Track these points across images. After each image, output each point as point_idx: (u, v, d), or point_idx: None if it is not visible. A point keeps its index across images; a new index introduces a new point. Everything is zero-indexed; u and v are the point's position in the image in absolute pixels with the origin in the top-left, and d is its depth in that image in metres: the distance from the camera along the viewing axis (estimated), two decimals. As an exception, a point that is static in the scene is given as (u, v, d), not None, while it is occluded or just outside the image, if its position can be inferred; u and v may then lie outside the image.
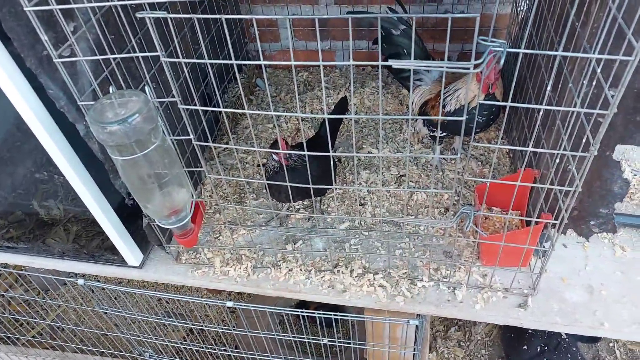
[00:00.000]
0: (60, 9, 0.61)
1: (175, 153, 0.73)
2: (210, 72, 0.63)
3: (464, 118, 0.63)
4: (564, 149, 0.69)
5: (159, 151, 0.69)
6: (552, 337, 1.50)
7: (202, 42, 0.57)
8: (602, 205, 0.92)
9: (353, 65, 0.56)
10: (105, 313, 1.65)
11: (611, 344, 1.64)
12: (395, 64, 0.59)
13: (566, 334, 1.50)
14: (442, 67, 0.56)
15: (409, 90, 1.31)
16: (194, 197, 0.84)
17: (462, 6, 1.37)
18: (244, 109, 0.94)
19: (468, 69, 0.55)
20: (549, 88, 0.58)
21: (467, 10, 1.36)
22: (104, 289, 1.15)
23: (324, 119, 1.13)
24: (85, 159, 0.80)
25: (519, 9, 1.19)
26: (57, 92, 0.68)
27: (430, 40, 1.44)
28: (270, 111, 0.65)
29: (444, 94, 1.04)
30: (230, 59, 0.59)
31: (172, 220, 0.80)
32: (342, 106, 1.16)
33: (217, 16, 0.58)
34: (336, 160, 1.17)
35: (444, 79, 0.72)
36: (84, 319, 1.76)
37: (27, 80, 0.66)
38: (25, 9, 0.58)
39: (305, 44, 1.53)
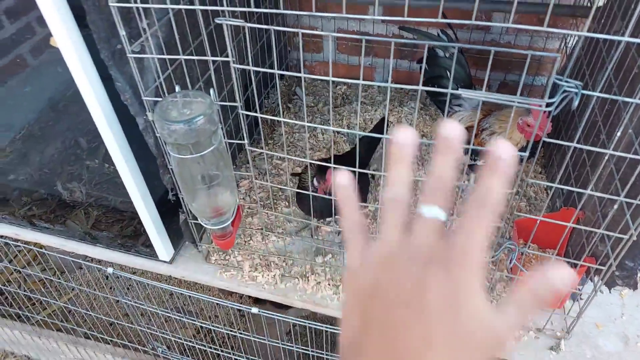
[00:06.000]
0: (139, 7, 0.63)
1: (228, 156, 0.74)
2: (277, 81, 0.64)
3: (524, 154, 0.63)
4: (613, 193, 0.68)
5: (215, 153, 0.70)
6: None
7: (275, 50, 0.58)
8: (628, 257, 0.89)
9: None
10: (117, 302, 1.66)
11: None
12: (465, 93, 0.59)
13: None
14: (513, 102, 0.56)
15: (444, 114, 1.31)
16: (238, 200, 0.85)
17: (509, 36, 1.37)
18: (282, 115, 0.93)
19: (540, 106, 0.55)
20: (618, 134, 0.57)
21: (514, 41, 1.36)
22: (118, 277, 1.15)
23: (362, 137, 1.14)
24: (136, 152, 0.81)
25: (568, 44, 1.19)
26: (125, 85, 0.69)
27: (473, 67, 1.44)
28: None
29: (482, 131, 1.04)
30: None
31: (214, 220, 0.81)
32: (381, 126, 1.16)
33: (294, 30, 0.59)
34: (369, 177, 1.17)
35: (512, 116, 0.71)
36: (99, 304, 1.77)
37: (97, 72, 0.68)
38: (110, 4, 0.60)
39: (347, 57, 1.55)
